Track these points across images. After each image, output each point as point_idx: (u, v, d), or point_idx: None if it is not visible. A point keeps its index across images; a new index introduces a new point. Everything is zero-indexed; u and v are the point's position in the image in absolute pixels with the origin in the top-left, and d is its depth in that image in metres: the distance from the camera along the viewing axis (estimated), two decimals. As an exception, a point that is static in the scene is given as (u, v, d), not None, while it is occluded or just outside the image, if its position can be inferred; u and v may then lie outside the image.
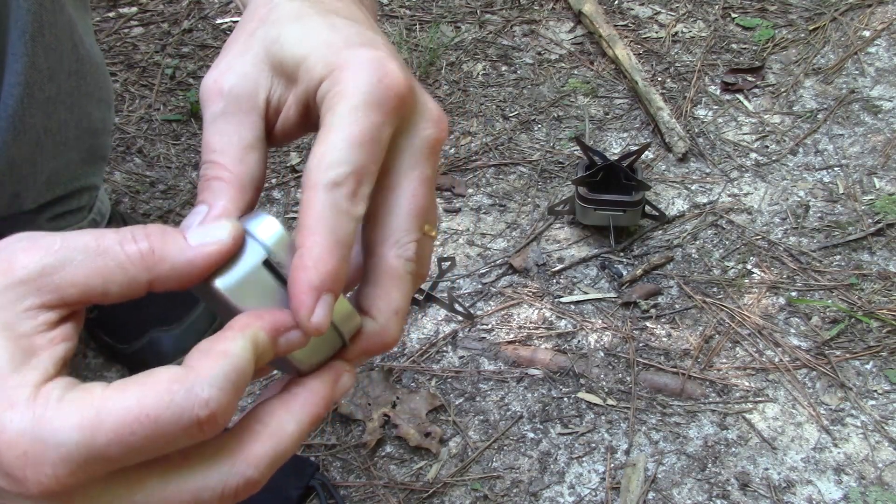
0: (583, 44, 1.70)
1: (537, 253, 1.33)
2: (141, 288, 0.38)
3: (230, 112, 0.44)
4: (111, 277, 0.37)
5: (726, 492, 1.06)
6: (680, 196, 1.41)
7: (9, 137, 0.82)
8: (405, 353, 1.21)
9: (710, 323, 1.23)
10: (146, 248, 0.38)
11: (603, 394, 1.16)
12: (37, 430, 0.34)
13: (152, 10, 1.77)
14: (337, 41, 0.43)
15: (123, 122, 1.53)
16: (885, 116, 1.53)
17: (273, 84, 0.44)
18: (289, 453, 0.39)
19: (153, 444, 0.35)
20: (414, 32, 1.72)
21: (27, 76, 0.80)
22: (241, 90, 0.44)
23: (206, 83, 0.44)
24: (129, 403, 0.34)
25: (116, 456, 0.34)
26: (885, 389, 1.15)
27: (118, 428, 0.34)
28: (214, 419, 0.35)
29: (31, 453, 0.34)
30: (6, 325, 0.36)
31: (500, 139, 1.51)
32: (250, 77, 0.44)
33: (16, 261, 0.37)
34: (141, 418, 0.34)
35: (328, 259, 0.39)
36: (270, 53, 0.44)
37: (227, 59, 0.45)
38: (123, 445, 0.34)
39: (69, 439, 0.33)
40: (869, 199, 1.39)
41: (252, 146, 0.44)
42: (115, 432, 0.34)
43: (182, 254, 0.39)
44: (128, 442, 0.34)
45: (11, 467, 0.34)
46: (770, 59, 1.65)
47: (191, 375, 0.35)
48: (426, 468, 1.09)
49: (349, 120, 0.41)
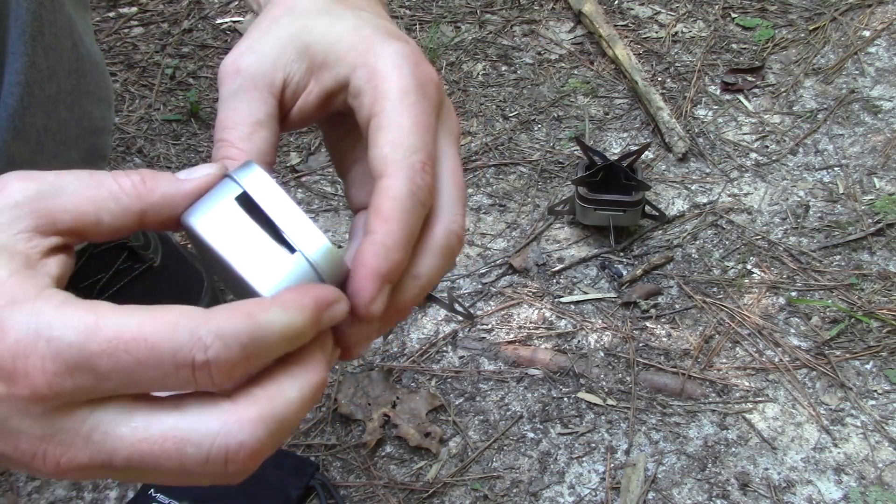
0: (583, 44, 1.70)
1: (537, 253, 1.33)
2: (133, 219, 0.39)
3: (243, 89, 0.44)
4: (104, 205, 0.38)
5: (726, 492, 1.06)
6: (680, 196, 1.41)
7: (9, 137, 0.82)
8: (405, 353, 1.21)
9: (710, 323, 1.23)
10: (138, 180, 0.39)
11: (603, 394, 1.16)
12: (33, 322, 0.34)
13: (152, 10, 1.77)
14: (367, 31, 0.44)
15: (123, 122, 1.53)
16: (885, 116, 1.53)
17: (294, 67, 0.45)
18: (290, 422, 0.37)
19: (143, 371, 0.34)
20: (414, 32, 1.72)
21: (27, 75, 0.80)
22: (259, 68, 0.44)
23: (224, 63, 0.45)
24: (130, 322, 0.34)
25: (106, 370, 0.34)
26: (885, 389, 1.15)
27: (113, 340, 0.33)
28: (208, 368, 0.34)
29: (23, 343, 0.33)
30: (2, 245, 0.36)
31: (500, 139, 1.51)
32: (270, 56, 0.45)
33: (10, 186, 0.37)
34: (138, 339, 0.33)
35: (398, 251, 0.40)
36: (297, 38, 0.45)
37: (248, 41, 0.45)
38: (114, 361, 0.33)
39: (63, 336, 0.33)
40: (869, 199, 1.39)
41: (262, 123, 0.44)
42: (109, 343, 0.33)
43: (171, 185, 0.39)
44: (119, 359, 0.33)
45: (3, 358, 0.34)
46: (770, 59, 1.65)
47: (201, 319, 0.34)
48: (426, 468, 1.09)
49: (406, 104, 0.41)
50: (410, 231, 0.40)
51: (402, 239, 0.40)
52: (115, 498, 1.05)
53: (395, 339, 1.23)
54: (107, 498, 1.06)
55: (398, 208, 0.40)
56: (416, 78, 0.42)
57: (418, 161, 0.40)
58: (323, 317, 0.38)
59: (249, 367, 0.36)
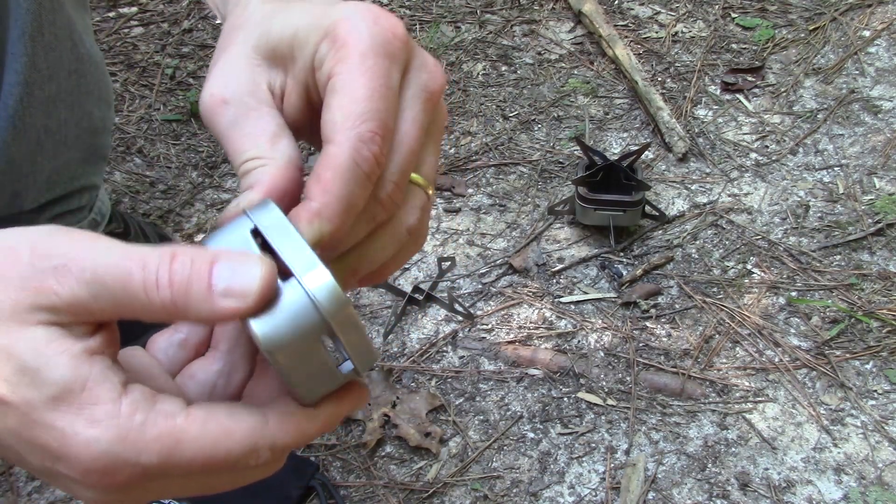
0: (583, 44, 1.70)
1: (537, 253, 1.33)
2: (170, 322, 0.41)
3: (242, 115, 0.43)
4: (139, 315, 0.38)
5: (726, 492, 1.06)
6: (680, 196, 1.41)
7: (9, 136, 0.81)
8: (405, 353, 1.21)
9: (710, 323, 1.23)
10: (168, 301, 0.37)
11: (603, 394, 1.16)
12: (120, 450, 0.36)
13: (152, 10, 1.77)
14: (319, 9, 0.42)
15: (123, 122, 1.53)
16: (885, 116, 1.53)
17: (270, 74, 0.44)
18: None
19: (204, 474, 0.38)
20: (414, 32, 1.72)
21: (27, 75, 0.80)
22: (243, 91, 0.43)
23: (204, 100, 0.43)
24: (206, 444, 0.37)
25: (177, 475, 0.37)
26: (885, 389, 1.15)
27: (193, 460, 0.37)
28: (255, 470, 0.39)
29: (111, 468, 0.36)
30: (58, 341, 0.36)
31: (500, 139, 1.51)
32: (246, 75, 0.44)
33: (48, 284, 0.36)
34: (212, 458, 0.37)
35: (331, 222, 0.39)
36: (259, 47, 0.44)
37: (217, 71, 0.44)
38: (186, 470, 0.37)
39: (149, 462, 0.36)
40: (869, 199, 1.39)
41: (278, 133, 0.43)
42: (189, 463, 0.37)
43: (204, 308, 0.37)
44: (192, 471, 0.37)
45: (91, 474, 0.36)
46: (770, 59, 1.65)
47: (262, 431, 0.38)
48: (426, 468, 1.09)
49: (362, 68, 0.40)
50: (349, 201, 0.39)
51: (338, 209, 0.39)
52: (115, 498, 1.05)
53: (395, 339, 1.23)
54: (107, 498, 1.06)
55: (338, 178, 0.39)
56: (375, 35, 0.40)
57: (367, 130, 0.39)
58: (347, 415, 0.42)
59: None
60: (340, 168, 0.39)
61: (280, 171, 0.41)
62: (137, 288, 0.37)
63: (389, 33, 0.41)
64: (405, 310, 1.25)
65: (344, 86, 0.40)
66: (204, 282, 0.37)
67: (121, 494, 0.38)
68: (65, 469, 0.36)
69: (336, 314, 0.38)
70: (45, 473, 0.38)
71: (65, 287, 0.37)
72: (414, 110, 0.42)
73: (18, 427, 0.36)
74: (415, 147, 0.42)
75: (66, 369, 0.36)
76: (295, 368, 0.39)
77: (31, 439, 0.36)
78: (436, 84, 0.43)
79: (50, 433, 0.36)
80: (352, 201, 0.39)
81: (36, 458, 0.36)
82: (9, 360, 0.36)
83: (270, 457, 0.39)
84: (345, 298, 0.38)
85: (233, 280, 0.37)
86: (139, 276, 0.37)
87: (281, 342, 0.38)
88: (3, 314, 0.36)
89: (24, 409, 0.35)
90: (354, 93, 0.39)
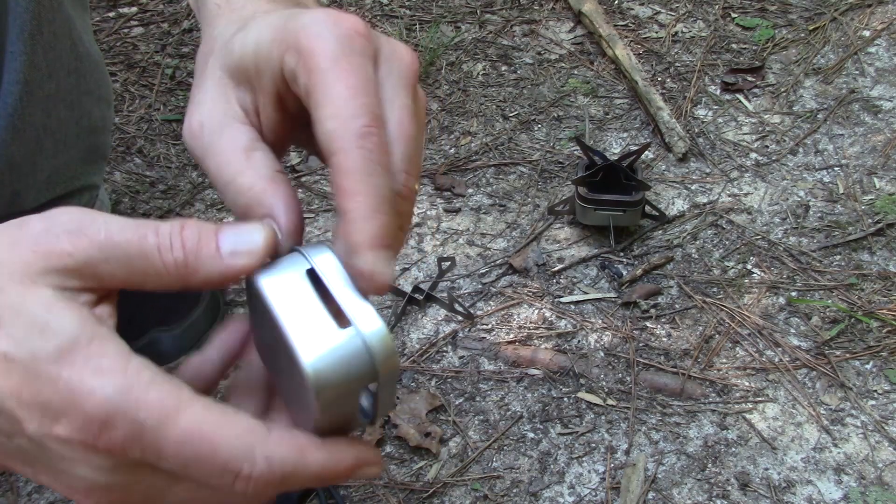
0: (583, 44, 1.70)
1: (537, 253, 1.33)
2: (175, 288, 0.40)
3: (216, 135, 0.44)
4: (148, 279, 0.39)
5: (726, 492, 1.06)
6: (680, 196, 1.41)
7: (8, 136, 0.82)
8: (405, 353, 1.21)
9: (710, 323, 1.23)
10: (181, 260, 0.39)
11: (603, 394, 1.16)
12: (122, 400, 0.36)
13: (152, 10, 1.77)
14: (278, 21, 0.43)
15: (123, 122, 1.53)
16: (885, 116, 1.53)
17: (240, 93, 0.45)
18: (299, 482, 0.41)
19: (195, 464, 0.37)
20: (414, 32, 1.72)
21: (26, 74, 0.80)
22: (216, 113, 0.44)
23: (184, 132, 0.45)
24: (205, 420, 0.37)
25: (169, 455, 0.37)
26: (885, 389, 1.15)
27: (185, 434, 0.37)
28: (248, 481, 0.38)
29: (111, 416, 0.36)
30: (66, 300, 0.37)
31: (500, 139, 1.51)
32: (219, 99, 0.45)
33: (61, 246, 0.38)
34: (205, 439, 0.37)
35: (378, 215, 0.39)
36: (227, 67, 0.45)
37: (193, 101, 0.46)
38: (178, 450, 0.37)
39: (147, 420, 0.36)
40: (869, 199, 1.39)
41: (251, 147, 0.44)
42: (181, 434, 0.36)
43: (214, 266, 0.40)
44: (183, 451, 0.37)
45: (90, 422, 0.36)
46: (770, 59, 1.65)
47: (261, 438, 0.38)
48: (426, 468, 1.09)
49: (336, 72, 0.40)
50: (379, 192, 0.39)
51: (374, 202, 0.39)
52: (115, 498, 1.05)
53: (395, 339, 1.23)
54: (106, 498, 1.05)
55: (358, 180, 0.39)
56: (340, 38, 0.41)
57: (362, 126, 0.39)
58: (355, 474, 0.41)
59: (280, 489, 0.39)
60: (354, 170, 0.39)
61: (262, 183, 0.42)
62: (151, 249, 0.39)
63: (352, 31, 0.42)
64: (405, 310, 1.25)
65: (325, 95, 0.40)
66: (213, 245, 0.40)
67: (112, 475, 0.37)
68: (63, 429, 0.36)
69: (385, 363, 0.40)
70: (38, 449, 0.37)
71: (78, 248, 0.38)
72: (399, 98, 0.43)
73: (20, 385, 0.36)
74: (412, 132, 0.43)
75: (76, 323, 0.37)
76: (328, 409, 0.40)
77: (32, 397, 0.36)
78: (410, 69, 0.44)
79: (54, 385, 0.36)
80: (380, 190, 0.40)
81: (34, 422, 0.36)
82: (17, 317, 0.37)
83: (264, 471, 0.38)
84: (395, 350, 0.40)
85: (238, 243, 0.40)
86: (153, 239, 0.39)
87: (328, 382, 0.39)
88: (13, 275, 0.37)
89: (30, 363, 0.36)
90: (337, 98, 0.40)
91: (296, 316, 0.39)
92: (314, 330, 0.39)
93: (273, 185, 0.43)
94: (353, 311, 0.39)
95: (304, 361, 0.38)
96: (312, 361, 0.38)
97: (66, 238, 0.38)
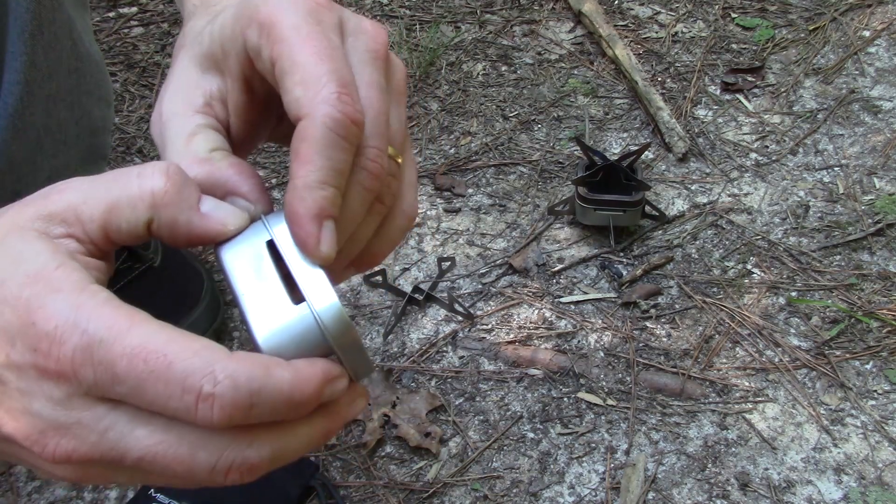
0: (583, 44, 1.70)
1: (537, 253, 1.33)
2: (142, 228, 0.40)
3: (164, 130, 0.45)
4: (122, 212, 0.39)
5: (726, 492, 1.06)
6: (680, 196, 1.41)
7: (8, 136, 0.82)
8: (405, 353, 1.21)
9: (710, 323, 1.23)
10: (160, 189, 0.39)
11: (603, 394, 1.16)
12: (73, 314, 0.35)
13: (152, 10, 1.77)
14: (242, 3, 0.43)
15: (123, 122, 1.53)
16: (885, 116, 1.53)
17: (207, 80, 0.45)
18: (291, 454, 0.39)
19: (153, 383, 0.35)
20: (414, 32, 1.72)
21: (27, 74, 0.80)
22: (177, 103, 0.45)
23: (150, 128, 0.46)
24: (158, 337, 0.35)
25: (122, 373, 0.35)
26: (885, 389, 1.15)
27: (137, 348, 0.35)
28: (212, 401, 0.35)
29: (61, 330, 0.35)
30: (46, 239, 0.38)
31: (500, 139, 1.51)
32: (178, 92, 0.45)
33: (50, 197, 0.39)
34: (158, 352, 0.35)
35: (321, 188, 0.39)
36: (195, 57, 0.45)
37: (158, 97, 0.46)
38: (132, 367, 0.35)
39: (96, 332, 0.35)
40: (869, 199, 1.39)
41: (194, 132, 0.44)
42: (132, 349, 0.35)
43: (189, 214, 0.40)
44: (136, 366, 0.35)
45: (39, 339, 0.35)
46: (770, 59, 1.65)
47: (220, 356, 0.36)
48: (426, 468, 1.09)
49: (299, 39, 0.40)
50: (333, 165, 0.39)
51: (323, 175, 0.39)
52: (116, 498, 1.05)
53: (395, 339, 1.23)
54: (107, 498, 1.05)
55: (313, 148, 0.39)
56: (300, 8, 0.40)
57: (331, 93, 0.39)
58: (325, 390, 0.38)
59: (247, 418, 0.36)
60: (313, 137, 0.39)
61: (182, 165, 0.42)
62: (130, 174, 0.39)
63: (312, 2, 0.41)
64: (405, 310, 1.25)
65: (291, 63, 0.39)
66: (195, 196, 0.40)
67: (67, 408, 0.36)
68: (18, 353, 0.36)
69: (339, 338, 0.40)
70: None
71: (62, 195, 0.39)
72: (366, 73, 0.42)
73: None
74: (380, 107, 0.42)
75: (48, 254, 0.37)
76: None
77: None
78: (377, 43, 0.43)
79: (14, 307, 0.36)
80: (335, 166, 0.39)
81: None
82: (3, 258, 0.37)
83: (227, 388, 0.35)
84: (349, 323, 0.40)
85: (216, 211, 0.41)
86: (135, 171, 0.40)
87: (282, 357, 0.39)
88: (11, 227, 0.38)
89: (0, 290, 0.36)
90: (303, 65, 0.39)
91: (252, 291, 0.40)
92: (268, 305, 0.39)
93: (199, 164, 0.43)
94: (306, 286, 0.39)
95: (258, 336, 0.39)
96: (266, 337, 0.39)
97: (53, 192, 0.39)
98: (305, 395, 0.37)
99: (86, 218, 0.39)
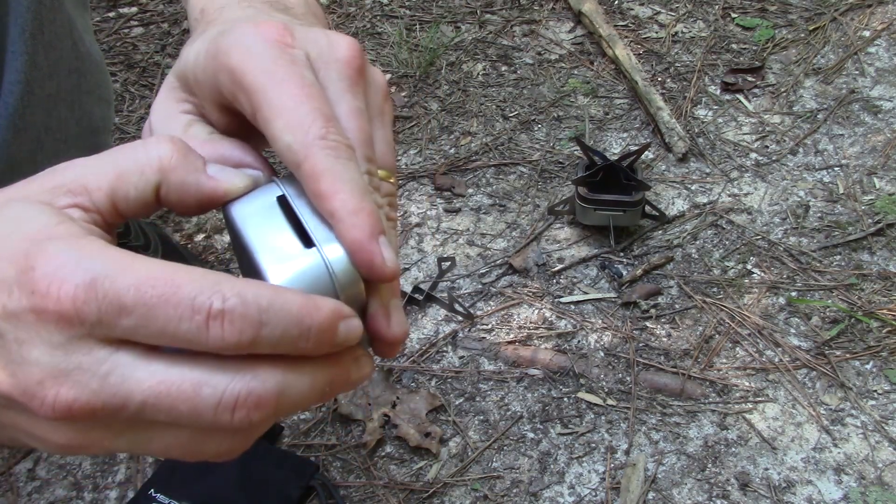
0: (583, 44, 1.70)
1: (537, 253, 1.33)
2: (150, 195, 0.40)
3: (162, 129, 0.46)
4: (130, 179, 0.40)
5: (726, 492, 1.06)
6: (680, 196, 1.41)
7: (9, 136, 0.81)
8: (405, 353, 1.21)
9: (710, 323, 1.23)
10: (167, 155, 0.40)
11: (603, 394, 1.16)
12: (74, 255, 0.35)
13: (152, 10, 1.77)
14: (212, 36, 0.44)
15: (123, 122, 1.53)
16: (885, 116, 1.53)
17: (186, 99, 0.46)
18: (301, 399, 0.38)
19: (163, 308, 0.35)
20: (414, 32, 1.72)
21: (27, 74, 0.80)
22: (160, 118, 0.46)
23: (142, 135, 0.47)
24: (163, 267, 0.36)
25: (130, 303, 0.35)
26: (885, 389, 1.15)
27: (143, 277, 0.35)
28: (222, 318, 0.35)
29: (62, 270, 0.35)
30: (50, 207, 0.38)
31: (500, 139, 1.51)
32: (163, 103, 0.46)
33: (56, 171, 0.40)
34: (165, 278, 0.35)
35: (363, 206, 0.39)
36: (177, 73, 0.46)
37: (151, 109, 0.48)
38: (139, 294, 0.35)
39: (98, 267, 0.35)
40: (869, 199, 1.39)
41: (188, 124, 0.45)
42: (138, 279, 0.35)
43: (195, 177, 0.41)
44: (144, 293, 0.35)
45: (38, 281, 0.35)
46: (770, 59, 1.65)
47: (228, 277, 0.36)
48: (426, 468, 1.09)
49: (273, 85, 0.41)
50: (357, 185, 0.40)
51: (356, 196, 0.39)
52: (116, 498, 1.05)
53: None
54: (107, 498, 1.05)
55: (334, 179, 0.39)
56: (267, 48, 0.41)
57: (319, 129, 0.40)
58: (339, 327, 0.38)
59: (258, 340, 0.36)
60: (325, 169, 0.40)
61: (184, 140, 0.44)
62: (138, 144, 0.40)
63: (275, 37, 0.42)
64: (405, 310, 1.25)
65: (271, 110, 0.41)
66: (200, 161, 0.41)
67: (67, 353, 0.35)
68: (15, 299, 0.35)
69: (348, 288, 0.40)
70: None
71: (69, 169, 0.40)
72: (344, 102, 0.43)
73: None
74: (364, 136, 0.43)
75: (53, 215, 0.38)
76: None
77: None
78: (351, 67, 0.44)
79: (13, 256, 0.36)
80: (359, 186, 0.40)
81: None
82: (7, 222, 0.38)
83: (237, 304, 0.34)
84: (358, 276, 0.40)
85: (223, 173, 0.42)
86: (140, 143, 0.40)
87: None
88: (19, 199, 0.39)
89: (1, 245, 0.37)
90: (285, 110, 0.40)
91: (264, 237, 0.41)
92: (279, 249, 0.40)
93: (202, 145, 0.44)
94: (318, 235, 0.40)
95: (268, 274, 0.40)
96: (275, 275, 0.40)
97: (60, 167, 0.40)
98: (316, 322, 0.37)
99: (93, 187, 0.39)
